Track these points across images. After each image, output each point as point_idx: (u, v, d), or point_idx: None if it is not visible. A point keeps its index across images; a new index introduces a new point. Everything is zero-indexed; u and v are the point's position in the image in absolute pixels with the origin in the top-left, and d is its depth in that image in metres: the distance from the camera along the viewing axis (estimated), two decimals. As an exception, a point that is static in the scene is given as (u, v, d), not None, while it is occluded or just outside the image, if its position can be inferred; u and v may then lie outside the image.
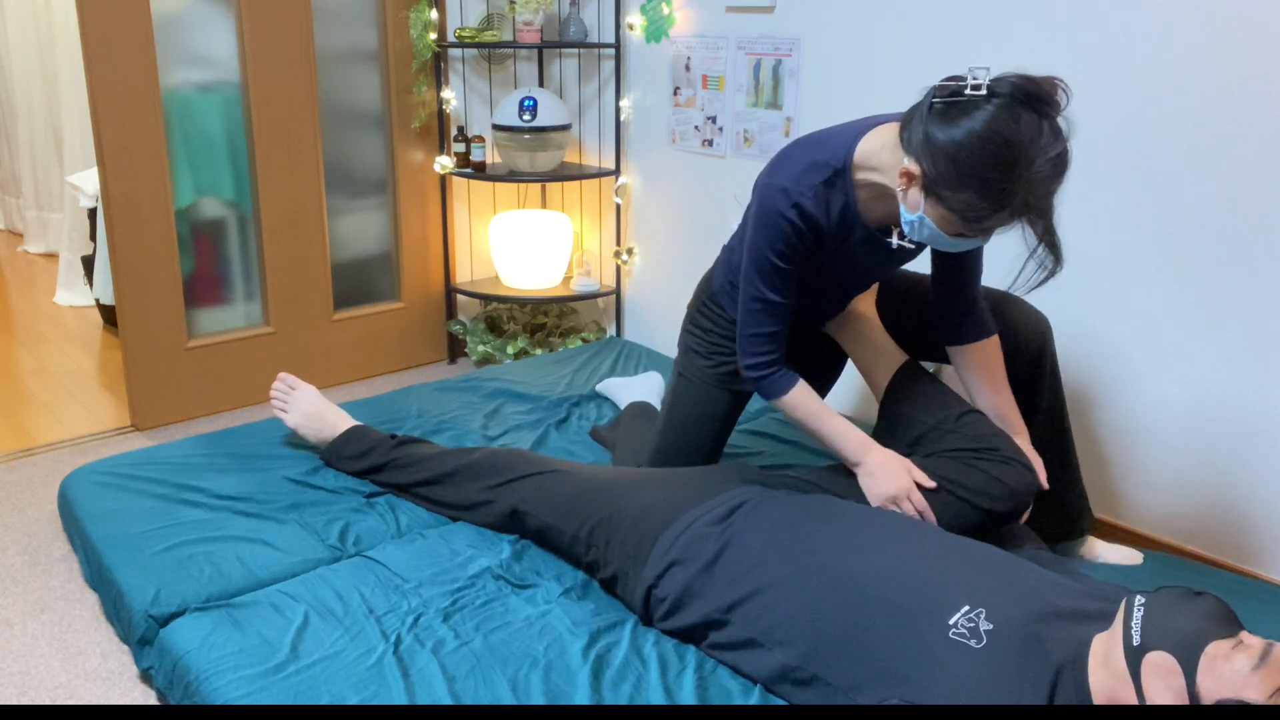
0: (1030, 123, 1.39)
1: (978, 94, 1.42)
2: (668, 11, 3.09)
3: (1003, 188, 1.41)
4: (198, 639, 1.62)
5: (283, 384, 2.32)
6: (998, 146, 1.39)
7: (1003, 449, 1.78)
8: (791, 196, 1.66)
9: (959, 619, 1.39)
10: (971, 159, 1.41)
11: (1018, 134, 1.39)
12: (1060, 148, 1.40)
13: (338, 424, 2.26)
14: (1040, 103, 1.40)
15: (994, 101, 1.41)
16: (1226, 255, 2.05)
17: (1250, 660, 1.16)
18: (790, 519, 1.64)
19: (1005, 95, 1.40)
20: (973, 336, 1.84)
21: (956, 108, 1.42)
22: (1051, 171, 1.40)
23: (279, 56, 3.00)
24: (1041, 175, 1.40)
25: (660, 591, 1.66)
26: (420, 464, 2.09)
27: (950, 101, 1.43)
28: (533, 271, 3.40)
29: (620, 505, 1.78)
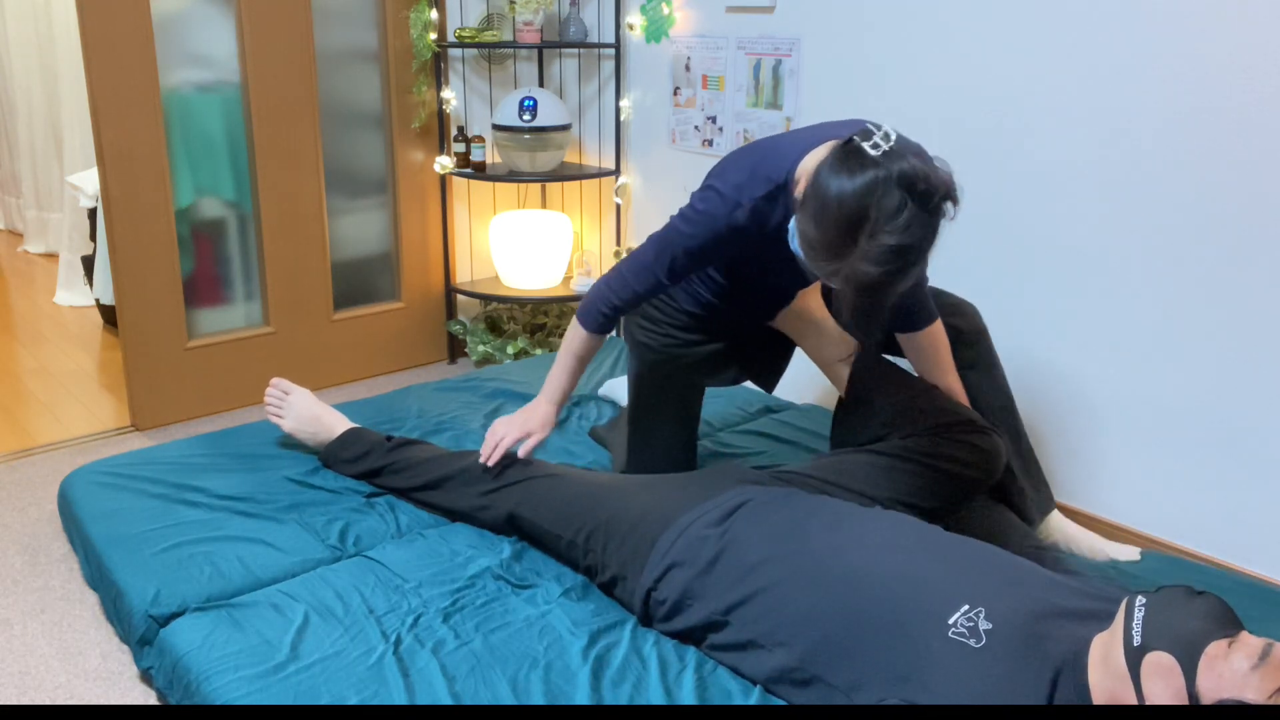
0: (892, 207, 1.38)
1: (875, 153, 1.42)
2: (668, 11, 3.09)
3: (837, 248, 1.43)
4: (198, 639, 1.62)
5: (276, 390, 2.31)
6: (851, 211, 1.40)
7: (973, 419, 1.88)
8: (729, 206, 1.68)
9: (958, 618, 1.39)
10: (829, 208, 1.42)
11: (870, 211, 1.39)
12: (905, 240, 1.39)
13: (334, 426, 2.25)
14: (918, 195, 1.39)
15: (879, 171, 1.40)
16: (1220, 253, 2.05)
17: (1250, 660, 1.16)
18: (789, 520, 1.64)
19: (892, 173, 1.40)
20: (922, 323, 1.88)
21: (853, 158, 1.43)
22: (883, 260, 1.39)
23: (279, 56, 3.00)
24: (871, 257, 1.40)
25: (660, 594, 1.66)
26: (415, 469, 2.09)
27: (852, 151, 1.44)
28: (533, 271, 3.40)
29: (617, 509, 1.78)
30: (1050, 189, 2.31)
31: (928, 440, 1.85)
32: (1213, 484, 2.16)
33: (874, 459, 1.86)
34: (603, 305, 1.88)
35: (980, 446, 1.84)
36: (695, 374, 2.04)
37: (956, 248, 2.51)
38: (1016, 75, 2.31)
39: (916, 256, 1.41)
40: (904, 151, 1.42)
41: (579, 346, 1.94)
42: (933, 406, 1.89)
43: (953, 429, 1.85)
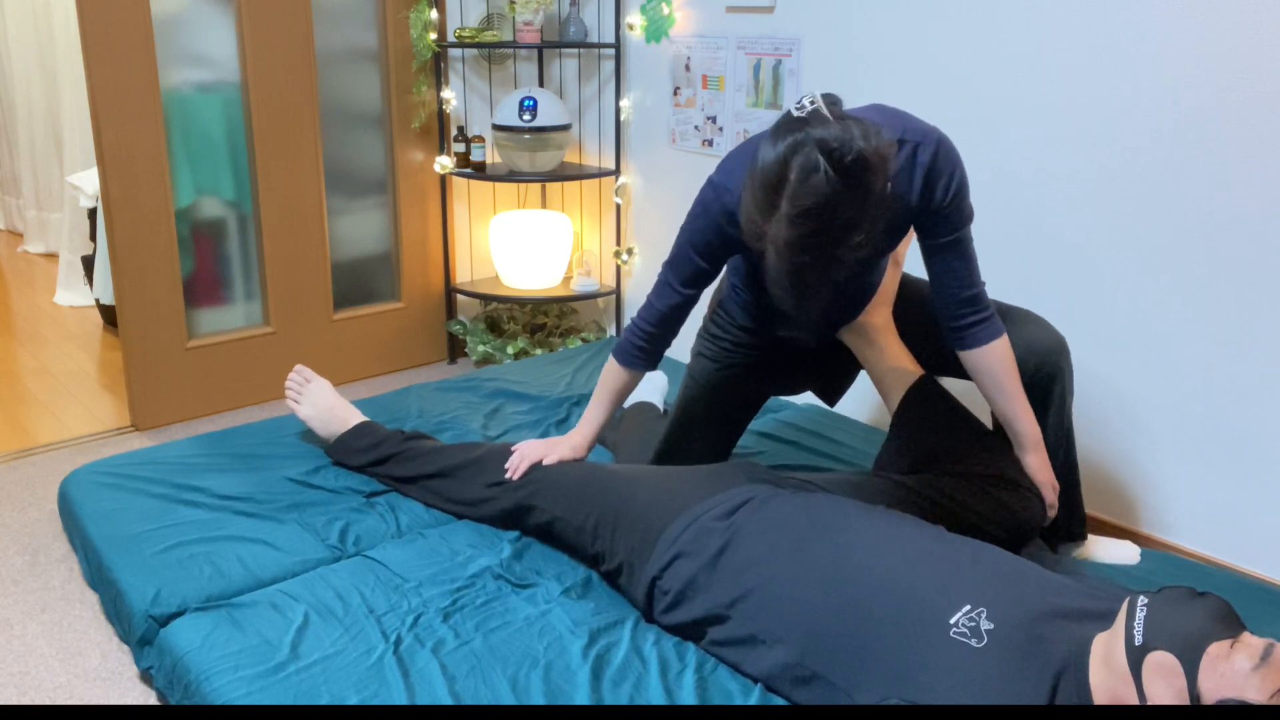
0: (807, 169, 1.36)
1: (799, 115, 1.41)
2: (668, 11, 3.09)
3: (763, 210, 1.42)
4: (198, 639, 1.62)
5: (299, 375, 2.35)
6: (772, 174, 1.40)
7: (1017, 479, 1.80)
8: (719, 191, 1.66)
9: (960, 618, 1.39)
10: (755, 172, 1.42)
11: (789, 173, 1.38)
12: (816, 201, 1.36)
13: (348, 419, 2.28)
14: (833, 159, 1.36)
15: (799, 134, 1.38)
16: (1226, 254, 2.05)
17: (1251, 660, 1.16)
18: (794, 517, 1.64)
19: (811, 136, 1.37)
20: (975, 341, 1.75)
21: (782, 125, 1.42)
22: (797, 221, 1.38)
23: (279, 56, 3.00)
24: (789, 218, 1.38)
25: (664, 584, 1.66)
26: (426, 457, 2.10)
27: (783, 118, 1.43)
28: (533, 271, 3.40)
29: (627, 498, 1.79)
30: (1049, 188, 2.31)
31: (958, 483, 1.79)
32: (1213, 484, 2.16)
33: (895, 488, 1.83)
34: (634, 337, 1.85)
35: (1012, 508, 1.76)
36: (751, 384, 2.02)
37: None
38: (1017, 75, 2.31)
39: (833, 221, 1.37)
40: (830, 117, 1.39)
41: (614, 382, 1.91)
42: (979, 456, 1.82)
43: (988, 481, 1.78)
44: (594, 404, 1.95)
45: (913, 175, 1.60)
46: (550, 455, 1.94)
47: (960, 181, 1.63)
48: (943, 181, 1.61)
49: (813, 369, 2.07)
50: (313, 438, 2.38)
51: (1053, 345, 1.85)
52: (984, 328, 1.75)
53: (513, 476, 1.93)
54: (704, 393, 2.05)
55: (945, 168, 1.61)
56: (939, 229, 1.66)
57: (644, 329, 1.84)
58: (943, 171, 1.61)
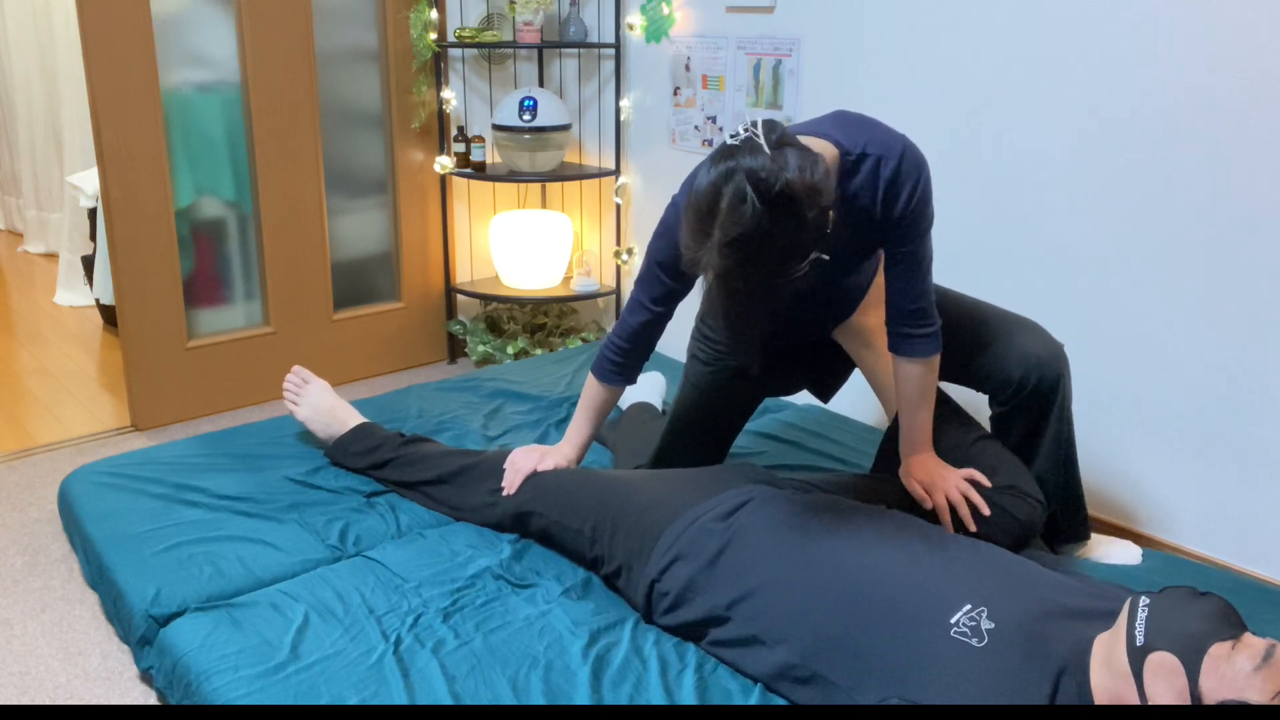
0: (736, 199, 1.36)
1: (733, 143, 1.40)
2: (668, 11, 3.08)
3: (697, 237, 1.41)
4: (198, 639, 1.62)
5: (296, 377, 2.34)
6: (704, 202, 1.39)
7: (1018, 485, 1.81)
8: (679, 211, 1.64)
9: (960, 618, 1.39)
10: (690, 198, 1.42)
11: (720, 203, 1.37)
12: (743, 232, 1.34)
13: (347, 420, 2.27)
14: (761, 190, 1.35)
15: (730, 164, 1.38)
16: (1227, 255, 2.05)
17: (1252, 661, 1.16)
18: (793, 517, 1.64)
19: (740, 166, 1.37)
20: (910, 351, 1.76)
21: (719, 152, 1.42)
22: (726, 251, 1.37)
23: (279, 56, 3.00)
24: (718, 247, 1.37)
25: (663, 586, 1.66)
26: (425, 462, 2.10)
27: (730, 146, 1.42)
28: (533, 271, 3.40)
29: (625, 501, 1.79)
30: (1049, 189, 2.31)
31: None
32: (1214, 484, 2.16)
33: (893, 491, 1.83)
34: (609, 353, 1.86)
35: (1014, 514, 1.78)
36: (744, 384, 2.02)
37: (958, 249, 2.51)
38: (1017, 75, 2.31)
39: (759, 253, 1.36)
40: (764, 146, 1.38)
41: (593, 399, 1.92)
42: (978, 461, 1.84)
43: (992, 490, 1.80)
44: (577, 420, 1.96)
45: (875, 189, 1.61)
46: (543, 464, 1.94)
47: (923, 193, 1.62)
48: (904, 193, 1.61)
49: (807, 368, 2.07)
50: (312, 439, 2.38)
51: (1051, 355, 1.86)
52: (922, 343, 1.75)
53: (508, 492, 1.94)
54: (699, 394, 2.05)
55: (907, 180, 1.60)
56: (896, 240, 1.66)
57: (618, 345, 1.84)
58: (904, 184, 1.60)
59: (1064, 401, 1.89)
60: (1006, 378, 1.85)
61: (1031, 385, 1.84)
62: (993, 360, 1.87)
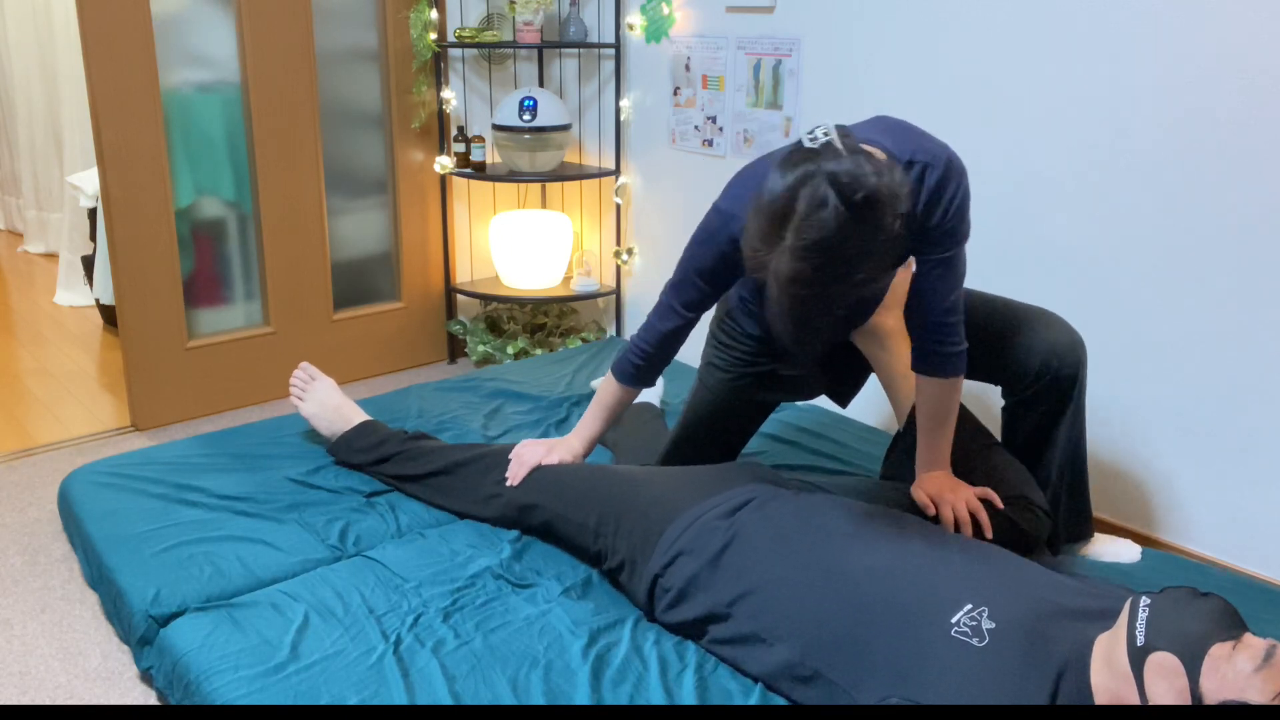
0: (815, 202, 1.34)
1: (812, 146, 1.39)
2: (668, 11, 3.08)
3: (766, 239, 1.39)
4: (198, 639, 1.62)
5: (303, 373, 2.35)
6: (780, 204, 1.37)
7: (1025, 495, 1.80)
8: (724, 218, 1.65)
9: (961, 617, 1.39)
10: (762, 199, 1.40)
11: (797, 205, 1.35)
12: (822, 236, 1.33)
13: (351, 418, 2.28)
14: (843, 194, 1.33)
15: (810, 166, 1.36)
16: (1230, 256, 2.05)
17: (1253, 661, 1.16)
18: (796, 516, 1.64)
19: (822, 169, 1.35)
20: (937, 371, 1.73)
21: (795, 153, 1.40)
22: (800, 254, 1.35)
23: (279, 56, 3.00)
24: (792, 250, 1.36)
25: (666, 582, 1.66)
26: (429, 455, 2.11)
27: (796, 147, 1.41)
28: (533, 271, 3.40)
29: (630, 496, 1.79)
30: (1053, 189, 2.31)
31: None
32: (1215, 485, 2.16)
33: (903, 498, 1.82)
34: (633, 355, 1.85)
35: (1020, 526, 1.77)
36: (763, 392, 2.01)
37: (957, 247, 2.51)
38: (1018, 75, 2.31)
39: (835, 258, 1.35)
40: (845, 150, 1.37)
41: (611, 398, 1.91)
42: (985, 469, 1.83)
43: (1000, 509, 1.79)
44: (591, 416, 1.95)
45: (918, 196, 1.60)
46: (549, 457, 1.94)
47: (962, 202, 1.61)
48: (944, 201, 1.59)
49: (826, 372, 2.07)
50: (315, 437, 2.38)
51: (1071, 344, 1.85)
52: (951, 361, 1.73)
53: (512, 483, 1.94)
54: (715, 399, 2.04)
55: (950, 188, 1.59)
56: (933, 247, 1.64)
57: (643, 349, 1.84)
58: (946, 192, 1.59)
59: (1080, 392, 1.88)
60: (1027, 366, 1.85)
61: (1051, 374, 1.84)
62: (1014, 350, 1.86)
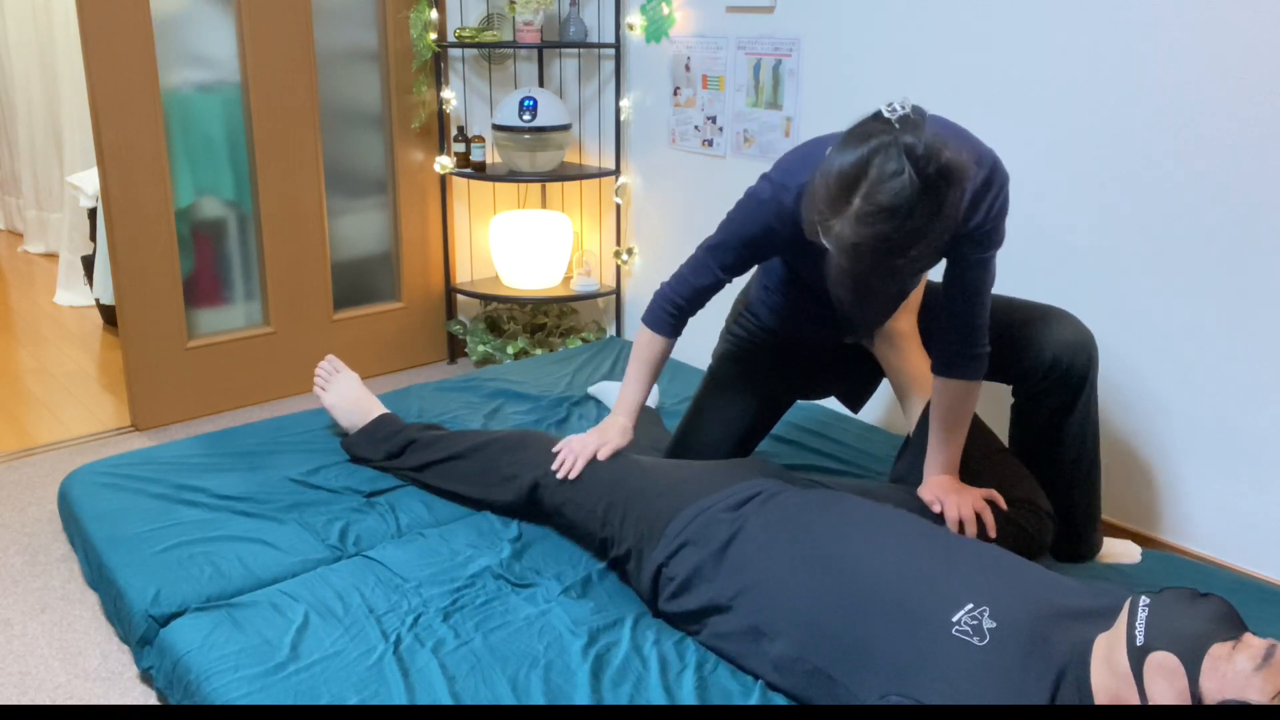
0: (889, 171, 1.34)
1: (890, 117, 1.39)
2: (668, 11, 3.08)
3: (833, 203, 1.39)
4: (198, 639, 1.62)
5: (329, 364, 2.39)
6: (851, 168, 1.37)
7: (1032, 500, 1.81)
8: (776, 188, 1.66)
9: (962, 616, 1.39)
10: (832, 164, 1.40)
11: (869, 170, 1.36)
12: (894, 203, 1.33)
13: (370, 411, 2.31)
14: (918, 165, 1.34)
15: (886, 136, 1.37)
16: (1234, 255, 2.05)
17: (1253, 661, 1.16)
18: (800, 512, 1.64)
19: (898, 139, 1.36)
20: (959, 373, 1.74)
21: (870, 123, 1.40)
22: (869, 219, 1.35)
23: (279, 56, 3.00)
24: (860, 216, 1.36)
25: (670, 571, 1.67)
26: (445, 440, 2.14)
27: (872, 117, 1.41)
28: (533, 271, 3.40)
29: (639, 486, 1.80)
30: (1056, 188, 2.31)
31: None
32: (1214, 483, 2.16)
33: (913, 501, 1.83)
34: (666, 305, 1.86)
35: (1027, 530, 1.78)
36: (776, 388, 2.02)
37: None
38: (1018, 74, 2.31)
39: (900, 227, 1.35)
40: (921, 124, 1.38)
41: (648, 352, 1.89)
42: (992, 474, 1.84)
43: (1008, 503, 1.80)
44: (631, 377, 1.92)
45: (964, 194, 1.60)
46: (604, 449, 1.90)
47: (1003, 205, 1.62)
48: (987, 202, 1.60)
49: (837, 374, 2.06)
50: (335, 429, 2.42)
51: (1083, 340, 1.86)
52: (972, 364, 1.74)
53: (573, 475, 1.89)
54: (725, 390, 2.04)
55: (994, 190, 1.60)
56: (972, 247, 1.64)
57: (676, 300, 1.85)
58: (990, 193, 1.60)
59: (1092, 389, 1.89)
60: (1038, 362, 1.85)
61: (1063, 369, 1.84)
62: (1025, 345, 1.87)
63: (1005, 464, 1.87)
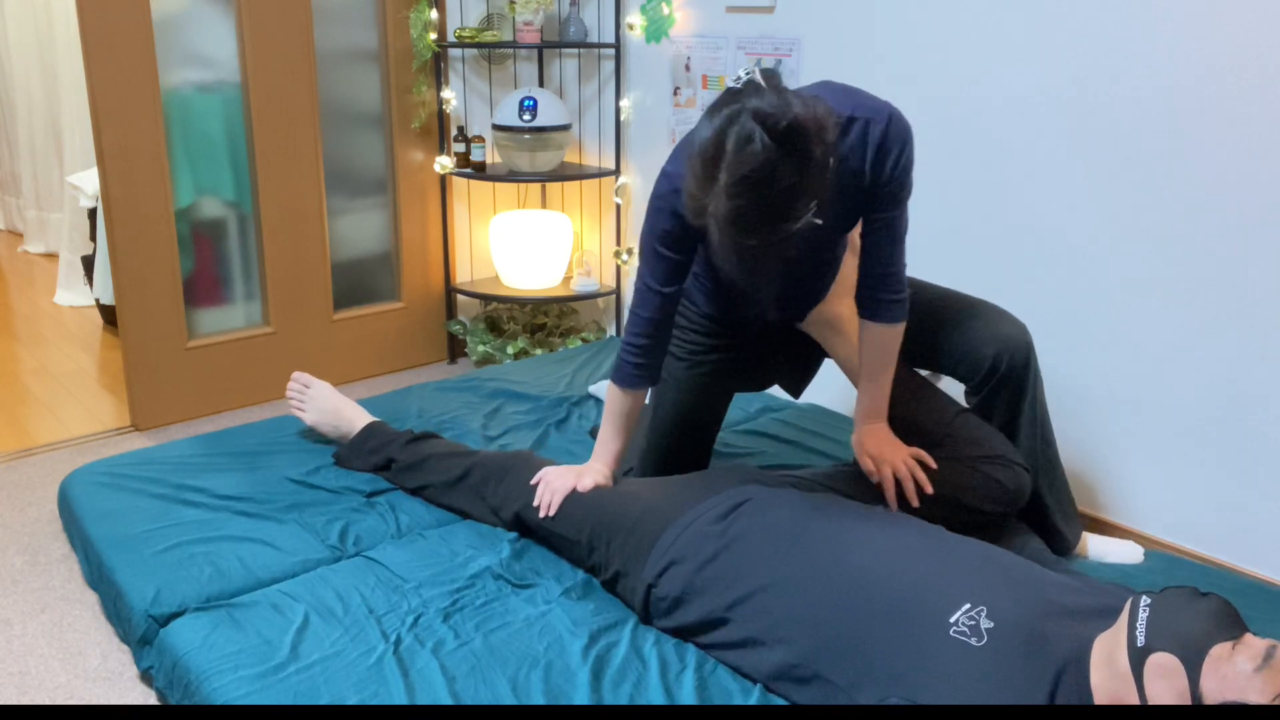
0: (743, 139, 1.35)
1: (735, 86, 1.40)
2: (668, 11, 3.08)
3: (702, 184, 1.41)
4: (198, 639, 1.62)
5: (297, 383, 2.35)
6: (709, 145, 1.39)
7: (1001, 452, 1.83)
8: (672, 180, 1.65)
9: (960, 617, 1.39)
10: (693, 145, 1.41)
11: (726, 144, 1.37)
12: (752, 170, 1.34)
13: (355, 419, 2.28)
14: (768, 128, 1.35)
15: (735, 105, 1.38)
16: (1227, 255, 2.05)
17: (1253, 662, 1.16)
18: (791, 517, 1.64)
19: (746, 106, 1.37)
20: (880, 317, 1.78)
21: (722, 97, 1.42)
22: (735, 192, 1.36)
23: (279, 56, 3.00)
24: (727, 190, 1.37)
25: (660, 590, 1.66)
26: (424, 465, 2.10)
27: (732, 89, 1.43)
28: (533, 271, 3.40)
29: (620, 507, 1.79)
30: (1050, 186, 2.31)
31: (951, 467, 1.82)
32: (1214, 483, 2.16)
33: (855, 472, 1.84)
34: (629, 356, 1.81)
35: (1004, 483, 1.81)
36: (720, 379, 2.02)
37: (958, 247, 2.51)
38: (1017, 74, 2.31)
39: (770, 190, 1.36)
40: (768, 87, 1.39)
41: (618, 408, 1.87)
42: (962, 434, 1.86)
43: (978, 461, 1.82)
44: (605, 433, 1.90)
45: (864, 151, 1.61)
46: (582, 482, 1.87)
47: (908, 158, 1.63)
48: (892, 156, 1.61)
49: (779, 362, 2.07)
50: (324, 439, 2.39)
51: (1017, 332, 1.89)
52: (893, 308, 1.78)
53: (546, 513, 1.87)
54: (677, 393, 2.04)
55: (894, 143, 1.61)
56: (879, 205, 1.67)
57: (636, 344, 1.80)
58: (892, 147, 1.61)
59: (1036, 378, 1.92)
60: (979, 357, 1.88)
61: (1005, 364, 1.87)
62: (964, 341, 1.90)
63: (971, 423, 1.89)
